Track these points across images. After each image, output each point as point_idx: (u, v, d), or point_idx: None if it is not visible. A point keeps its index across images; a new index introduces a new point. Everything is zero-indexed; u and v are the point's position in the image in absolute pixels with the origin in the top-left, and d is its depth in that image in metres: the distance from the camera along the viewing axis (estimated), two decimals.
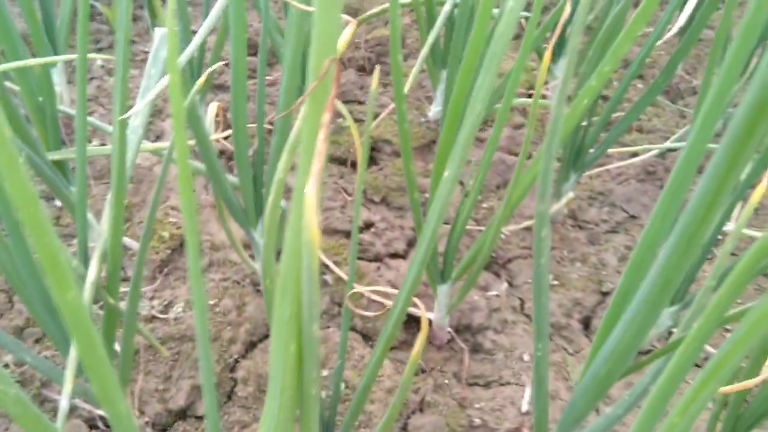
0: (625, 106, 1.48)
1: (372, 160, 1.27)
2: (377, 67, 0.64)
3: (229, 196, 0.85)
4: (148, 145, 0.86)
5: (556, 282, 1.10)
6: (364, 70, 1.48)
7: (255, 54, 1.46)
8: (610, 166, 1.30)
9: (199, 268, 0.43)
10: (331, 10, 0.30)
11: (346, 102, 1.37)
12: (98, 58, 1.34)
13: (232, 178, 0.88)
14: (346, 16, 0.51)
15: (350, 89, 1.38)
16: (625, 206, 1.24)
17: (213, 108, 0.90)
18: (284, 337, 0.38)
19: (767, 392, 0.69)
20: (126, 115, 0.61)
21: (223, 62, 1.38)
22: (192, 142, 0.85)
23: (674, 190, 0.48)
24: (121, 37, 0.63)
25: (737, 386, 0.50)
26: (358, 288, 0.74)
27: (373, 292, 1.01)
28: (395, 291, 0.98)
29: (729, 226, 1.10)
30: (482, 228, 1.17)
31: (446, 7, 1.05)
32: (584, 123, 1.09)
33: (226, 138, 1.19)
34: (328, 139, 1.04)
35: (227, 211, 0.87)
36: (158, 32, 0.72)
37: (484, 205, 1.22)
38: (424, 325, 0.68)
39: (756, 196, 0.62)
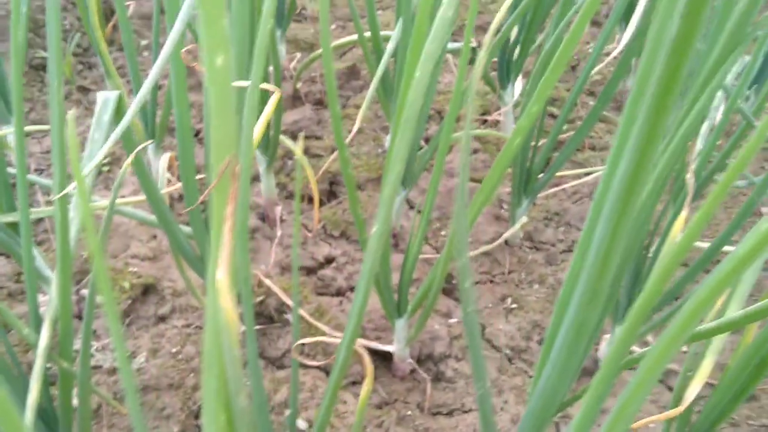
0: (577, 125, 1.52)
1: (331, 194, 1.29)
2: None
3: (182, 245, 0.87)
4: (95, 203, 0.87)
5: (515, 305, 1.13)
6: (321, 104, 1.51)
7: None
8: (565, 186, 1.33)
9: None
10: (226, 111, 0.32)
11: (303, 138, 1.39)
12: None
13: (185, 228, 0.89)
14: (269, 86, 0.53)
15: (307, 125, 1.40)
16: (580, 225, 1.27)
17: (165, 159, 0.92)
18: (214, 408, 0.40)
19: (717, 399, 0.72)
20: (65, 191, 0.63)
21: None
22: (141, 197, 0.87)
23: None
24: (55, 112, 0.65)
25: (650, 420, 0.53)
26: (304, 340, 0.76)
27: (335, 328, 1.02)
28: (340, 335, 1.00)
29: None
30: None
31: (390, 45, 1.08)
32: (534, 144, 1.12)
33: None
34: (287, 175, 1.05)
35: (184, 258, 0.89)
36: (100, 96, 0.73)
37: (443, 233, 1.24)
38: (369, 369, 0.70)
39: (676, 229, 0.65)
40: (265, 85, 0.54)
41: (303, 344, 1.01)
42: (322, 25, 0.68)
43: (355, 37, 1.28)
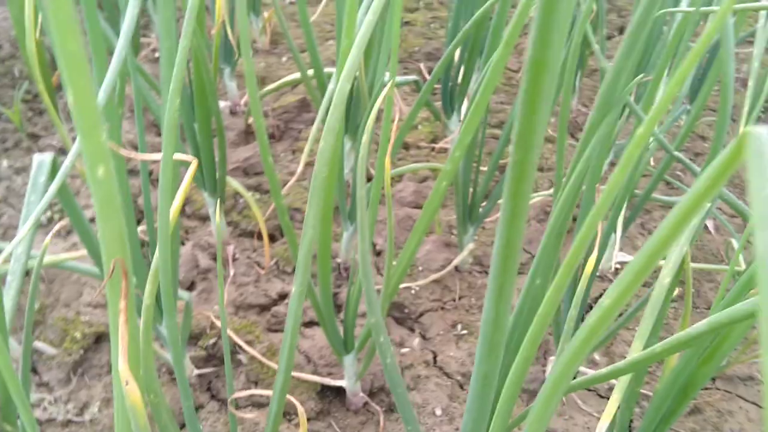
0: None
1: (280, 231, 1.31)
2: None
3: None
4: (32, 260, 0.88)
5: (465, 331, 1.15)
6: (274, 138, 1.53)
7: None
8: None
9: None
10: (112, 217, 0.34)
11: (255, 174, 1.41)
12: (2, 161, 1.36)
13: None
14: (185, 156, 0.55)
15: (259, 160, 1.42)
16: (527, 247, 1.31)
17: None
18: None
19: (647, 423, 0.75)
20: (5, 252, 0.64)
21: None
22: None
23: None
24: None
25: None
26: (239, 394, 0.78)
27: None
28: (298, 375, 1.02)
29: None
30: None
31: (330, 85, 1.11)
32: (476, 168, 1.15)
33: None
34: (239, 213, 1.07)
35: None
36: (36, 159, 0.75)
37: (395, 263, 1.27)
38: (303, 420, 0.72)
39: (588, 267, 0.68)
40: (179, 156, 0.56)
41: (255, 382, 1.03)
42: (249, 88, 0.70)
43: (297, 75, 1.31)
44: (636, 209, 1.20)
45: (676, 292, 1.30)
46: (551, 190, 1.36)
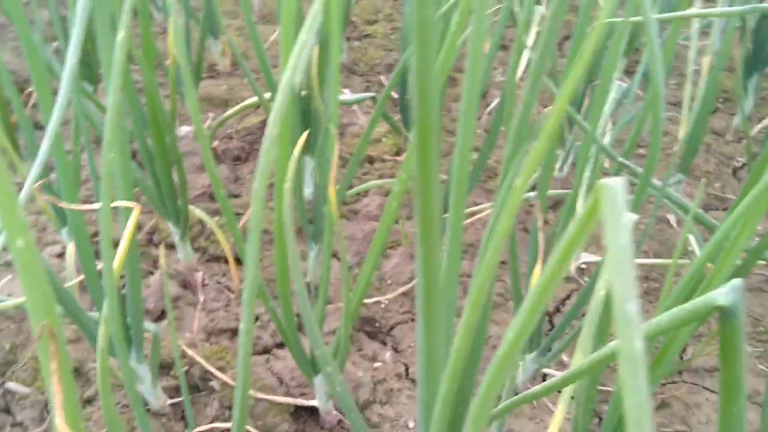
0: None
1: None
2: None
3: (93, 333, 0.89)
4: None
5: None
6: (240, 160, 1.54)
7: None
8: (481, 214, 1.39)
9: None
10: (36, 284, 0.36)
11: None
12: None
13: (94, 314, 0.92)
14: (127, 203, 0.56)
15: (225, 184, 1.43)
16: None
17: (71, 250, 0.94)
18: None
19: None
20: None
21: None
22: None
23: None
24: None
25: None
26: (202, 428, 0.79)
27: (260, 389, 1.05)
28: (261, 396, 1.03)
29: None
30: (369, 302, 1.23)
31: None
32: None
33: None
34: (207, 238, 1.08)
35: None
36: None
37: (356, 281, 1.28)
38: None
39: (533, 278, 0.70)
40: (119, 203, 0.57)
41: (228, 407, 1.04)
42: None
43: (255, 99, 1.32)
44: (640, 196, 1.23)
45: (645, 287, 1.32)
46: None
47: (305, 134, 0.78)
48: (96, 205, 0.53)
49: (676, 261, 0.76)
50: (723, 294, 0.34)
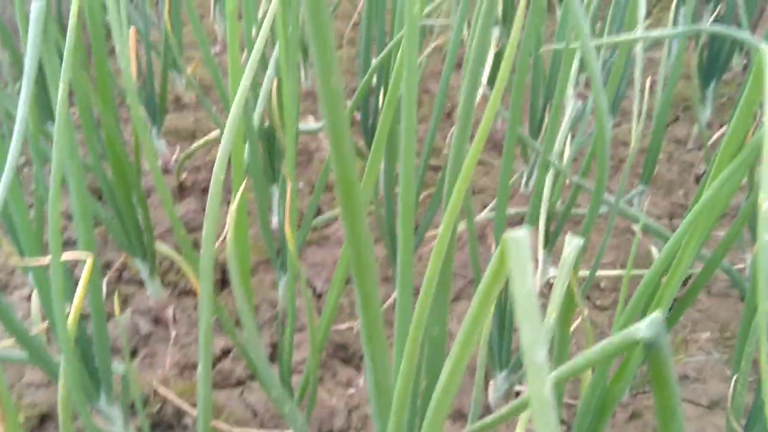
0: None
1: (224, 283, 1.32)
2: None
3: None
4: None
5: None
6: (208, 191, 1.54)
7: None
8: None
9: None
10: None
11: (192, 231, 1.42)
12: None
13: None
14: (78, 254, 0.57)
15: (194, 217, 1.44)
16: (464, 272, 1.34)
17: (35, 300, 0.94)
18: None
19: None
20: None
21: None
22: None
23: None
24: None
25: None
26: None
27: (235, 423, 1.05)
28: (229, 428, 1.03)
29: None
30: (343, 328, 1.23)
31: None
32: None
33: None
34: (177, 273, 1.07)
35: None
36: None
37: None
38: None
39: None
40: (70, 255, 0.57)
41: None
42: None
43: (218, 132, 1.33)
44: (560, 223, 1.24)
45: (612, 297, 1.34)
46: (484, 213, 1.40)
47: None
48: (45, 259, 0.54)
49: (629, 273, 0.77)
50: (643, 328, 0.35)
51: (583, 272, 1.27)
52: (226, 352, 1.19)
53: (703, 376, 1.13)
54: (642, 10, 0.88)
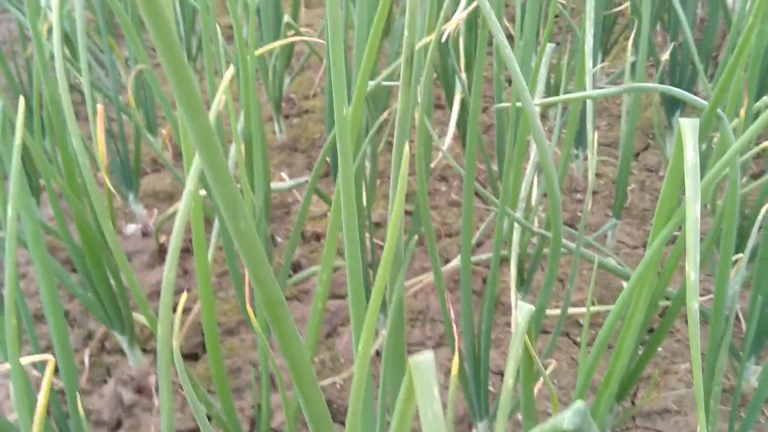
0: (433, 214, 1.62)
1: (202, 348, 1.33)
2: None
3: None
4: None
5: None
6: (189, 251, 1.55)
7: None
8: (427, 280, 1.41)
9: None
10: None
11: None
12: None
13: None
14: (38, 357, 0.58)
15: (176, 281, 1.44)
16: (441, 317, 1.35)
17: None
18: None
19: None
20: None
21: None
22: None
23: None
24: None
25: None
26: None
27: None
28: None
29: None
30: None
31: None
32: (372, 252, 1.19)
33: None
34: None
35: None
36: None
37: (317, 359, 1.29)
38: None
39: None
40: (29, 359, 0.58)
41: None
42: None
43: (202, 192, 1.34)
44: (533, 263, 1.26)
45: (592, 333, 1.35)
46: (453, 262, 1.41)
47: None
48: (3, 367, 0.55)
49: (589, 312, 0.78)
50: (567, 418, 0.36)
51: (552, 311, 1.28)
52: (210, 417, 1.19)
53: (684, 409, 1.14)
54: (589, 67, 0.91)
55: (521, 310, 0.61)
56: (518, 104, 0.94)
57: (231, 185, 0.35)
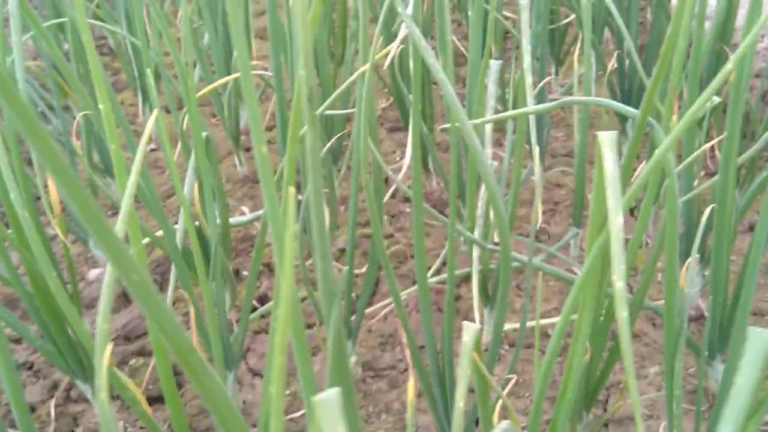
0: (398, 236, 1.62)
1: (178, 386, 1.31)
2: None
3: None
4: None
5: None
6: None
7: None
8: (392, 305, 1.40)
9: None
10: None
11: (137, 338, 1.41)
12: None
13: None
14: None
15: (138, 323, 1.43)
16: (415, 339, 1.34)
17: None
18: None
19: None
20: None
21: None
22: None
23: None
24: None
25: None
26: None
27: None
28: None
29: None
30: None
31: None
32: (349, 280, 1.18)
33: None
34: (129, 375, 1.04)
35: None
36: None
37: (288, 391, 1.28)
38: None
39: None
40: None
41: None
42: None
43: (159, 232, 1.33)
44: (496, 279, 1.26)
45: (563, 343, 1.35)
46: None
47: None
48: None
49: (538, 324, 0.78)
50: None
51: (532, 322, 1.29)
52: None
53: (656, 412, 1.14)
54: (528, 82, 0.92)
55: (467, 330, 0.61)
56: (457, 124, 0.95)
57: (115, 241, 0.34)
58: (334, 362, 0.51)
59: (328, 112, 1.20)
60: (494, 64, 1.30)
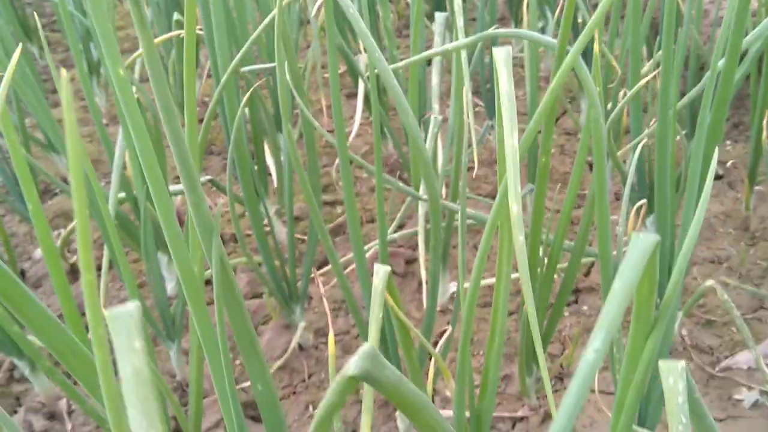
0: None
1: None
2: None
3: None
4: None
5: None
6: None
7: None
8: (350, 268, 1.37)
9: None
10: None
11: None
12: None
13: None
14: None
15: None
16: (364, 303, 1.31)
17: None
18: None
19: None
20: None
21: None
22: None
23: None
24: None
25: None
26: None
27: None
28: None
29: None
30: None
31: None
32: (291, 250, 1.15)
33: None
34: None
35: None
36: None
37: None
38: None
39: None
40: None
41: None
42: None
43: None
44: (446, 238, 1.23)
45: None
46: (372, 245, 1.38)
47: None
48: None
49: (476, 282, 0.75)
50: (354, 362, 0.32)
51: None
52: None
53: (609, 364, 1.12)
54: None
55: (377, 273, 0.58)
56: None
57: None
58: (222, 298, 0.47)
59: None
60: (439, 17, 1.26)
